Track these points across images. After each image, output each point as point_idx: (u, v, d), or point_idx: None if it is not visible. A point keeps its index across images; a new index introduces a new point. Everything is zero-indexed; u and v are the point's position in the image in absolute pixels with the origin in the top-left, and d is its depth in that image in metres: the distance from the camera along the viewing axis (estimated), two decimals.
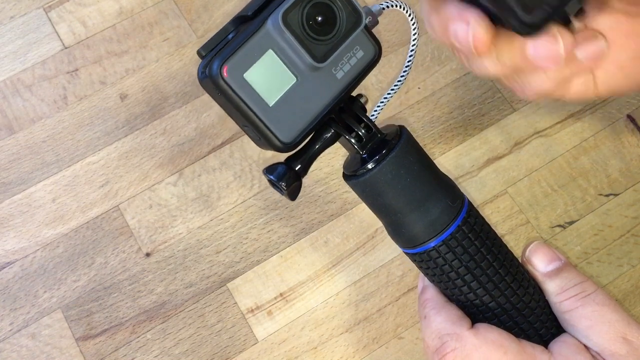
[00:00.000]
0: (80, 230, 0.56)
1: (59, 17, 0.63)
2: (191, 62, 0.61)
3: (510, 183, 0.57)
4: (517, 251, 0.36)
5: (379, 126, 0.34)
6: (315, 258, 0.55)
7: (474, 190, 0.56)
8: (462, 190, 0.34)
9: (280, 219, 0.56)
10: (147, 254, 0.55)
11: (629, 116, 0.59)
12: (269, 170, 0.32)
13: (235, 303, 0.53)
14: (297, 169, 0.33)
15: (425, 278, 0.35)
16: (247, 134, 0.32)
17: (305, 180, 0.57)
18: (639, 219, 0.55)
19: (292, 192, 0.32)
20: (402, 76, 0.35)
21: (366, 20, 0.31)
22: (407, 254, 0.34)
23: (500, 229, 0.55)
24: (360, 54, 0.32)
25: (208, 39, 0.31)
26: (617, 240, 0.55)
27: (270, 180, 0.32)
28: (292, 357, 0.52)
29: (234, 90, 0.29)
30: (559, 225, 0.55)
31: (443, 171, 0.34)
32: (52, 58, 0.61)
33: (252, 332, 0.53)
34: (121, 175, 0.57)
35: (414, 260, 0.34)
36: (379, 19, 0.33)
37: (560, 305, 0.32)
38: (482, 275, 0.32)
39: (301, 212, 0.56)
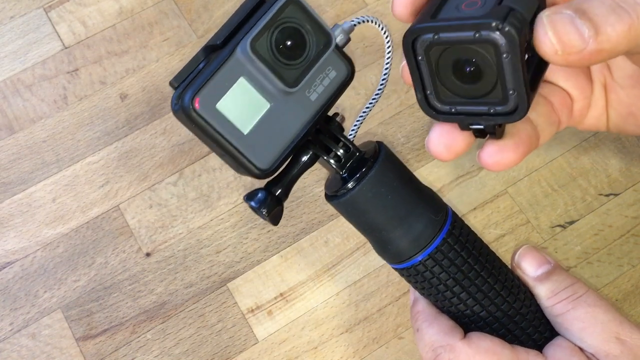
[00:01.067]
0: (81, 230, 0.56)
1: (59, 17, 0.63)
2: None
3: (511, 183, 0.57)
4: None
5: (365, 140, 0.33)
6: (315, 258, 0.55)
7: (474, 190, 0.56)
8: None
9: None
10: (147, 254, 0.55)
11: None
12: (249, 196, 0.32)
13: (236, 303, 0.53)
14: (277, 193, 0.32)
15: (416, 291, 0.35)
16: (226, 162, 0.31)
17: (305, 180, 0.57)
18: (639, 219, 0.55)
19: (274, 217, 0.32)
20: (379, 89, 0.35)
21: (337, 39, 0.30)
22: (395, 269, 0.34)
23: (500, 229, 0.55)
24: (333, 74, 0.31)
25: (207, 39, 0.30)
26: (617, 240, 0.55)
27: (251, 207, 0.32)
28: (293, 357, 0.52)
29: (207, 121, 0.28)
30: (559, 225, 0.55)
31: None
32: (52, 58, 0.61)
33: (252, 332, 0.53)
34: (121, 175, 0.57)
35: (402, 275, 0.34)
36: (351, 35, 0.32)
37: (552, 308, 0.32)
38: (471, 286, 0.32)
39: (301, 212, 0.56)
